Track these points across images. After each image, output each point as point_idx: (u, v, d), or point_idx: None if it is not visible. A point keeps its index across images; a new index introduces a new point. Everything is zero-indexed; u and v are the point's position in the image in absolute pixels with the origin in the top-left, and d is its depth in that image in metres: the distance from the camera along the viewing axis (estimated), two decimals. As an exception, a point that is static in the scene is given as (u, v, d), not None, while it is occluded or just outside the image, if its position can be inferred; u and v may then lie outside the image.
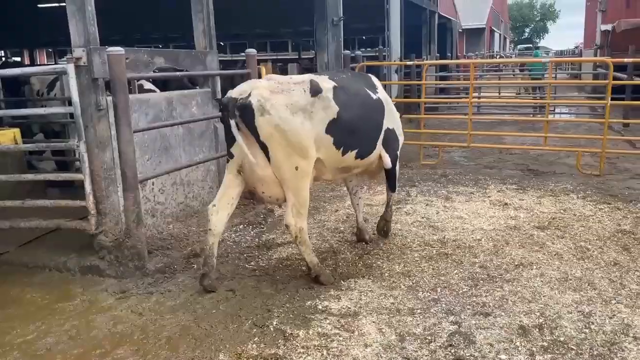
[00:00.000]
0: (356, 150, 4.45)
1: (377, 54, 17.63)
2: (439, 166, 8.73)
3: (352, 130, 4.33)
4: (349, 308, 3.90)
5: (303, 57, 30.25)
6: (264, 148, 3.94)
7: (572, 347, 3.33)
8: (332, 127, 4.16)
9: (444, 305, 3.92)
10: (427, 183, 7.58)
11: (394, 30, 15.60)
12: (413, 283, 4.31)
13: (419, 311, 3.84)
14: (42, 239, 5.27)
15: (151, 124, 5.24)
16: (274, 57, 33.27)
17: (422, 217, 5.99)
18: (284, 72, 13.67)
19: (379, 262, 4.76)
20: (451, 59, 25.74)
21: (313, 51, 21.92)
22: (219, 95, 6.27)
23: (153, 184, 5.33)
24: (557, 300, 3.92)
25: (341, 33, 9.90)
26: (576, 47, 41.37)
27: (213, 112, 6.22)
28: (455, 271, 4.51)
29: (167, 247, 5.04)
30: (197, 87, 6.43)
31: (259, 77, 6.37)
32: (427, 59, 19.51)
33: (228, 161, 4.19)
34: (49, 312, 4.05)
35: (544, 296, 4.00)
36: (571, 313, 3.73)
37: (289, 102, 3.94)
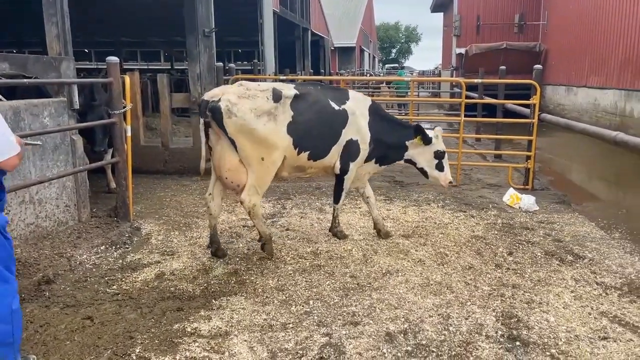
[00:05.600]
0: (309, 152, 5.05)
1: (252, 67, 17.67)
2: (313, 179, 8.89)
3: (307, 134, 4.96)
4: (220, 328, 3.75)
5: (176, 67, 29.36)
6: (233, 142, 4.69)
7: (433, 349, 3.52)
8: (290, 129, 4.83)
9: (316, 317, 3.94)
10: (302, 195, 7.67)
11: (268, 45, 15.75)
12: (286, 297, 4.29)
13: (291, 325, 3.81)
14: None
15: (-7, 135, 4.64)
16: (145, 67, 31.87)
17: (297, 230, 6.02)
18: (153, 83, 13.12)
19: (252, 278, 4.67)
20: (324, 75, 26.65)
21: (187, 62, 21.32)
22: (77, 105, 5.78)
23: (-4, 204, 4.71)
24: (420, 305, 4.14)
25: (213, 45, 9.71)
26: (436, 68, 45.11)
27: (70, 123, 5.71)
28: (328, 282, 4.57)
29: (12, 274, 4.46)
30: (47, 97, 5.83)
31: (123, 86, 5.99)
32: (301, 74, 20.00)
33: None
34: None
35: (408, 302, 4.20)
36: (432, 317, 3.96)
37: (254, 107, 4.68)
